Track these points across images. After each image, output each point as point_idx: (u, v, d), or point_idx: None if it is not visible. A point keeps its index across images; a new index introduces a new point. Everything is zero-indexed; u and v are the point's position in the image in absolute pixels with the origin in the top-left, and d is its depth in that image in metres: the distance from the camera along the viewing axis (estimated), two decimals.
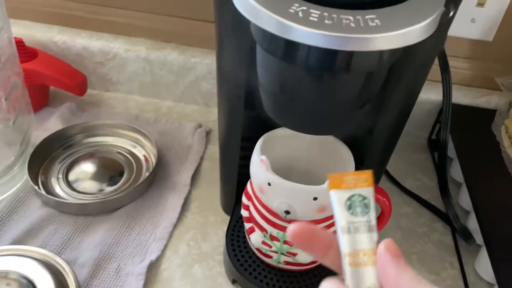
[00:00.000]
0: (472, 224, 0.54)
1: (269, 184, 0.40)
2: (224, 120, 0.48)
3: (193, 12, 0.68)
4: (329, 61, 0.28)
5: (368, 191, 0.26)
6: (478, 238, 0.52)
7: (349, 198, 0.26)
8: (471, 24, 0.64)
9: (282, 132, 0.45)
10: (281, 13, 0.26)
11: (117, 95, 0.74)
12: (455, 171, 0.63)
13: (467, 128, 0.63)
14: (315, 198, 0.39)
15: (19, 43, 0.64)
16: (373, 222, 0.25)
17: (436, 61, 0.52)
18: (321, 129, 0.36)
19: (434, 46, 0.38)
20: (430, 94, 0.67)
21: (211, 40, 0.70)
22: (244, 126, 0.46)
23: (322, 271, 0.46)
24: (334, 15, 0.26)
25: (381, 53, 0.28)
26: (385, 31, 0.25)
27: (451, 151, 0.63)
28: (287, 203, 0.39)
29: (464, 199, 0.59)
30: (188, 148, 0.64)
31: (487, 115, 0.64)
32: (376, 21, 0.25)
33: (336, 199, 0.26)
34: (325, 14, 0.26)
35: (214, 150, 0.65)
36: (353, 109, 0.34)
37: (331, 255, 0.26)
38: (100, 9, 0.70)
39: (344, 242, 0.25)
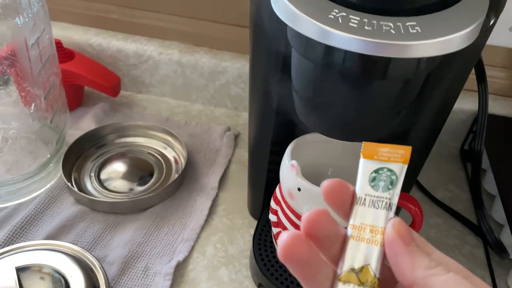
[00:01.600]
0: (506, 237, 0.52)
1: (299, 189, 0.40)
2: (255, 124, 0.48)
3: (225, 16, 0.69)
4: (367, 67, 0.28)
5: (399, 167, 0.24)
6: None
7: (376, 171, 0.24)
8: (509, 32, 0.62)
9: (313, 138, 0.44)
10: (321, 19, 0.26)
11: (149, 97, 0.75)
12: (489, 183, 0.61)
13: (502, 139, 0.62)
14: None
15: (58, 44, 0.66)
16: (394, 201, 0.23)
17: (472, 70, 0.51)
18: (354, 135, 0.36)
19: (473, 54, 0.38)
20: (463, 103, 0.66)
21: (242, 44, 0.71)
22: (274, 130, 0.46)
23: None
24: (374, 21, 0.25)
25: (419, 60, 0.28)
26: (425, 38, 0.24)
27: (485, 163, 0.61)
28: None
29: (497, 212, 0.57)
30: (217, 151, 0.65)
31: None
32: (417, 28, 0.25)
33: (362, 168, 0.24)
34: (365, 20, 0.26)
35: (242, 153, 0.65)
36: (387, 116, 0.34)
37: None
38: (135, 12, 0.71)
39: (354, 213, 0.23)
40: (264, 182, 0.52)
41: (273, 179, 0.47)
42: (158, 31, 0.72)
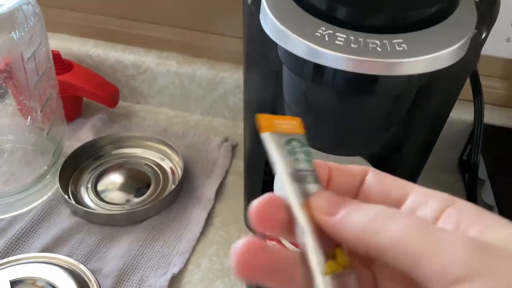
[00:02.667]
0: None
1: None
2: (250, 136, 0.48)
3: (223, 28, 0.69)
4: (355, 84, 0.28)
5: (304, 138, 0.22)
6: None
7: (288, 143, 0.21)
8: (506, 43, 0.62)
9: None
10: (308, 37, 0.26)
11: (147, 108, 0.76)
12: (487, 194, 0.61)
13: (500, 149, 0.62)
14: None
15: (56, 56, 0.66)
16: (317, 172, 0.21)
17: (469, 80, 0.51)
18: (346, 150, 0.36)
19: (465, 68, 0.38)
20: (462, 113, 0.65)
21: (240, 55, 0.71)
22: None
23: None
24: (361, 39, 0.25)
25: (408, 77, 0.28)
26: (411, 56, 0.24)
27: (483, 173, 0.61)
28: None
29: None
30: (214, 162, 0.65)
31: None
32: (403, 45, 0.25)
33: (275, 143, 0.21)
34: (352, 37, 0.26)
35: (240, 164, 0.65)
36: (379, 131, 0.34)
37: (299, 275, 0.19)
38: (134, 24, 0.72)
39: (294, 192, 0.20)
40: (260, 194, 0.51)
41: (269, 191, 0.47)
42: (156, 42, 0.72)
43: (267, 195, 0.20)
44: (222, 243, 0.54)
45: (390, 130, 0.35)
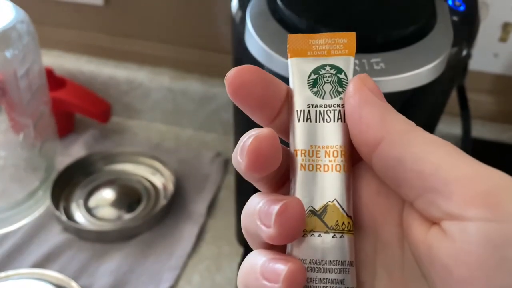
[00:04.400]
0: None
1: None
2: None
3: (215, 44, 0.70)
4: None
5: (346, 62, 0.18)
6: None
7: (316, 71, 0.18)
8: (494, 59, 0.63)
9: None
10: None
11: (140, 123, 0.76)
12: None
13: (490, 164, 0.62)
14: None
15: (49, 73, 0.67)
16: (343, 108, 0.17)
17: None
18: None
19: (448, 84, 0.38)
20: (452, 128, 0.66)
21: None
22: None
23: None
24: None
25: (388, 94, 0.28)
26: (389, 74, 0.25)
27: None
28: None
29: None
30: (206, 177, 0.65)
31: None
32: (381, 64, 0.25)
33: (296, 71, 0.18)
34: None
35: (232, 179, 0.65)
36: None
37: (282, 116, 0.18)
38: (126, 40, 0.73)
39: (298, 133, 0.17)
40: None
41: None
42: (149, 59, 0.73)
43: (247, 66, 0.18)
44: (213, 258, 0.54)
45: None
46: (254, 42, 0.28)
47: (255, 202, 0.17)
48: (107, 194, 0.60)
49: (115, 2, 0.69)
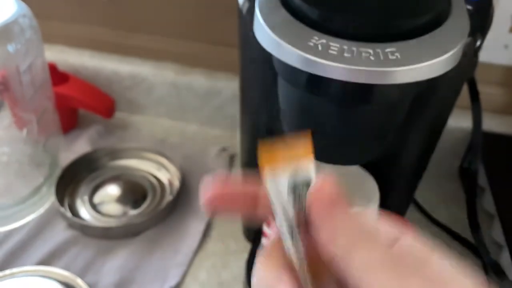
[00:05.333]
0: (505, 258, 0.51)
1: None
2: (246, 146, 0.47)
3: (219, 37, 0.69)
4: (349, 93, 0.28)
5: (311, 164, 0.20)
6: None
7: (294, 189, 0.20)
8: (504, 50, 0.62)
9: None
10: (301, 47, 0.26)
11: (144, 118, 0.75)
12: (487, 202, 0.60)
13: (501, 157, 0.61)
14: None
15: (52, 68, 0.66)
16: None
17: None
18: (342, 159, 0.35)
19: (461, 75, 0.37)
20: (461, 121, 0.65)
21: (237, 65, 0.71)
22: None
23: None
24: (354, 48, 0.25)
25: (402, 85, 0.27)
26: (404, 64, 0.24)
27: (484, 181, 0.61)
28: None
29: (497, 232, 0.56)
30: (212, 172, 0.64)
31: None
32: (396, 54, 0.24)
33: (276, 193, 0.20)
34: (345, 47, 0.25)
35: (238, 174, 0.65)
36: (375, 140, 0.34)
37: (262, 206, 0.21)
38: (130, 35, 0.72)
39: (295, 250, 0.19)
40: None
41: None
42: (153, 53, 0.72)
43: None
44: (220, 255, 0.53)
45: (387, 138, 0.34)
46: (263, 33, 0.27)
47: None
48: (112, 190, 0.60)
49: None
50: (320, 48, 0.26)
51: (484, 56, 0.58)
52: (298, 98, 0.32)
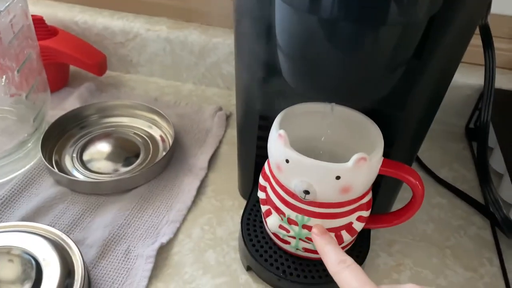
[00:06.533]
0: None
1: (287, 161, 0.36)
2: (242, 103, 0.44)
3: None
4: (359, 8, 0.24)
5: None
6: None
7: None
8: None
9: (303, 108, 0.41)
10: None
11: (137, 77, 0.72)
12: (496, 162, 0.58)
13: (510, 115, 0.58)
14: (337, 177, 0.35)
15: (39, 21, 0.63)
16: None
17: (479, 40, 0.46)
18: (347, 96, 0.32)
19: (475, 11, 0.34)
20: (469, 78, 0.62)
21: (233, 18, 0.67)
22: (262, 103, 0.43)
23: None
24: None
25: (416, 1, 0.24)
26: None
27: (492, 141, 0.58)
28: (306, 182, 0.36)
29: (505, 191, 0.53)
30: (207, 131, 0.62)
31: None
32: None
33: None
34: None
35: (234, 134, 0.62)
36: (383, 72, 0.31)
37: None
38: None
39: None
40: (254, 160, 0.48)
41: (263, 158, 0.44)
42: (146, 7, 0.69)
43: None
44: (214, 212, 0.51)
45: (396, 72, 0.31)
46: None
47: None
48: (103, 147, 0.57)
49: None
50: None
51: (495, 7, 0.54)
52: (298, 23, 0.29)
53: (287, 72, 0.34)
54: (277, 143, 0.37)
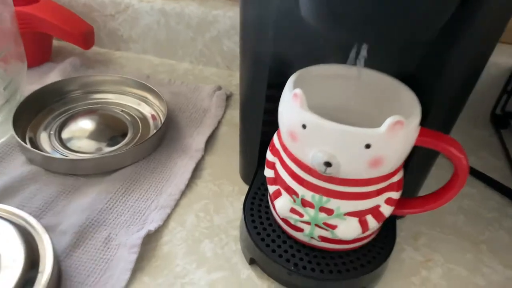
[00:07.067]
0: None
1: (303, 126, 0.29)
2: (247, 77, 0.38)
3: None
4: None
5: None
6: None
7: None
8: None
9: (321, 70, 0.34)
10: None
11: (128, 54, 0.65)
12: None
13: None
14: (367, 146, 0.28)
15: None
16: None
17: None
18: (373, 30, 0.26)
19: None
20: (496, 56, 0.55)
21: None
22: (270, 70, 0.36)
23: (368, 254, 0.35)
24: None
25: None
26: None
27: None
28: (328, 152, 0.29)
29: None
30: (205, 111, 0.55)
31: None
32: None
33: None
34: None
35: (235, 114, 0.55)
36: (427, 8, 0.24)
37: None
38: None
39: None
40: (258, 147, 0.41)
41: (269, 136, 0.37)
42: None
43: None
44: (212, 197, 0.44)
45: (440, 17, 0.25)
46: None
47: None
48: (86, 124, 0.50)
49: None
50: None
51: None
52: None
53: (310, 9, 0.27)
54: (291, 105, 0.30)
